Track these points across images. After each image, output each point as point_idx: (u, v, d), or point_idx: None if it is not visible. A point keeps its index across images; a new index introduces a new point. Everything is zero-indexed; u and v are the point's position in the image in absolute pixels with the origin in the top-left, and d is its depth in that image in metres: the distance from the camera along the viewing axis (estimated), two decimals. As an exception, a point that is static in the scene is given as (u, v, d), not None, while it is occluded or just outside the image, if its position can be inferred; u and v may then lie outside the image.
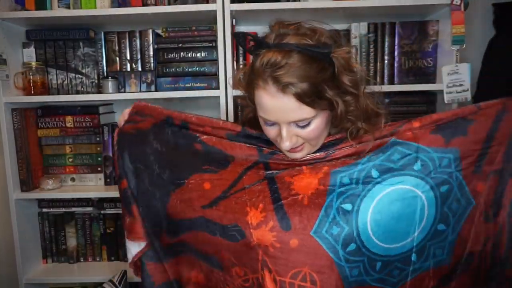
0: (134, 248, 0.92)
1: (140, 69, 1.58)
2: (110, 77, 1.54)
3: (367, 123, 0.80)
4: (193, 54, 1.54)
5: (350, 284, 0.76)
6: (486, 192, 0.78)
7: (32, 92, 1.52)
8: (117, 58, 1.58)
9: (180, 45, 1.54)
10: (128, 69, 1.58)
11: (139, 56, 1.58)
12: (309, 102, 0.72)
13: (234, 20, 1.51)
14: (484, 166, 0.78)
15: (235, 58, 1.52)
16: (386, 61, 1.52)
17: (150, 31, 1.57)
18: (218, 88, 1.48)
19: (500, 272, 0.80)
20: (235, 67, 1.52)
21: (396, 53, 1.52)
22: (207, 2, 1.47)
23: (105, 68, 1.59)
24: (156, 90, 1.54)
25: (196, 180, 0.87)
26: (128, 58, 1.58)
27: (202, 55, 1.54)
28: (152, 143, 0.91)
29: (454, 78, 1.41)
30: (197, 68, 1.54)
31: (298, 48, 0.71)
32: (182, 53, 1.54)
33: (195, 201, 0.86)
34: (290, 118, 0.74)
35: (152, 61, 1.57)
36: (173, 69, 1.54)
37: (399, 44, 1.52)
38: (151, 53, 1.57)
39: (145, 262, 0.93)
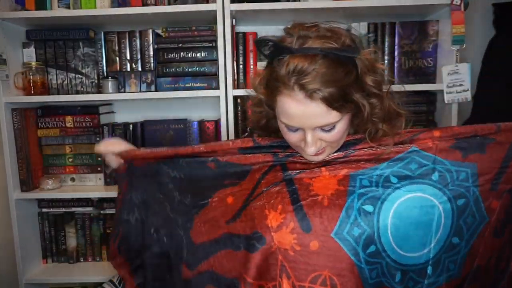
0: None
1: (140, 69, 1.58)
2: (110, 77, 1.54)
3: (387, 124, 0.80)
4: (193, 54, 1.54)
5: (370, 286, 0.76)
6: (498, 210, 0.79)
7: (32, 92, 1.52)
8: (117, 58, 1.58)
9: (180, 45, 1.54)
10: (128, 69, 1.58)
11: (139, 56, 1.58)
12: (337, 106, 0.71)
13: (234, 20, 1.51)
14: (501, 185, 0.79)
15: (235, 58, 1.52)
16: (386, 61, 1.52)
17: (150, 31, 1.57)
18: (218, 88, 1.48)
19: (504, 284, 0.81)
20: (235, 67, 1.52)
21: (396, 53, 1.52)
22: (207, 2, 1.47)
23: (105, 68, 1.59)
24: (156, 90, 1.54)
25: (220, 196, 0.87)
26: (128, 58, 1.58)
27: (202, 55, 1.54)
28: (168, 172, 0.91)
29: (454, 78, 1.41)
30: (197, 68, 1.54)
31: (324, 52, 0.69)
32: (182, 53, 1.54)
33: (220, 218, 0.85)
34: (317, 123, 0.72)
35: (152, 61, 1.57)
36: (173, 69, 1.54)
37: (399, 44, 1.52)
38: (151, 53, 1.57)
39: None
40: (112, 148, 0.97)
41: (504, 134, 0.80)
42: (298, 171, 0.81)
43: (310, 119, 0.72)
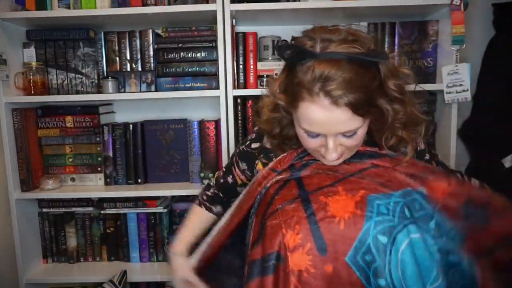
0: None
1: (140, 69, 1.58)
2: (110, 77, 1.54)
3: (407, 130, 0.79)
4: (193, 54, 1.54)
5: None
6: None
7: (32, 92, 1.52)
8: (117, 58, 1.58)
9: (180, 45, 1.54)
10: (128, 69, 1.58)
11: (139, 56, 1.58)
12: (363, 112, 0.69)
13: (234, 20, 1.51)
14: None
15: (235, 58, 1.52)
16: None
17: (150, 31, 1.57)
18: (218, 88, 1.48)
19: None
20: (235, 67, 1.52)
21: (396, 53, 1.52)
22: (207, 2, 1.47)
23: (105, 68, 1.59)
24: (156, 90, 1.54)
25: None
26: (128, 58, 1.58)
27: (202, 55, 1.54)
28: (226, 255, 0.94)
29: (454, 78, 1.41)
30: (197, 68, 1.54)
31: (350, 57, 0.67)
32: (182, 53, 1.54)
33: (248, 248, 0.85)
34: (340, 129, 0.71)
35: (152, 61, 1.57)
36: (173, 69, 1.54)
37: (399, 44, 1.52)
38: (151, 53, 1.57)
39: None
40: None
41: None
42: (314, 189, 0.79)
43: (334, 126, 0.71)
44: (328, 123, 0.70)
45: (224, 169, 1.07)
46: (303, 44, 0.72)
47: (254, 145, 0.95)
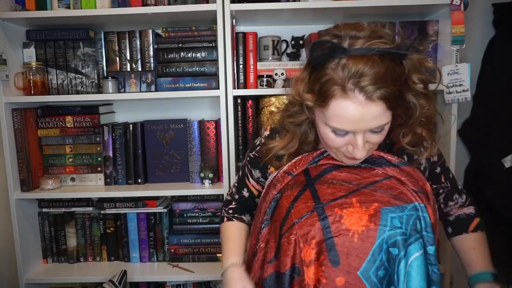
0: None
1: (140, 69, 1.58)
2: (110, 77, 1.54)
3: (427, 128, 0.80)
4: (193, 54, 1.54)
5: None
6: None
7: (32, 92, 1.52)
8: (117, 58, 1.58)
9: (180, 45, 1.54)
10: (128, 69, 1.58)
11: (139, 56, 1.58)
12: (395, 106, 0.70)
13: (234, 20, 1.51)
14: None
15: (235, 58, 1.52)
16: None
17: (150, 31, 1.57)
18: (218, 88, 1.48)
19: None
20: (235, 67, 1.52)
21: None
22: (207, 2, 1.47)
23: (105, 68, 1.59)
24: (156, 90, 1.54)
25: (261, 242, 0.88)
26: (128, 58, 1.58)
27: (202, 55, 1.54)
28: None
29: (454, 78, 1.41)
30: (197, 68, 1.54)
31: (381, 51, 0.68)
32: (182, 53, 1.54)
33: (265, 263, 0.85)
34: (372, 125, 0.71)
35: (152, 61, 1.57)
36: (173, 69, 1.54)
37: (399, 44, 1.51)
38: (151, 53, 1.57)
39: None
40: None
41: None
42: (329, 200, 0.79)
43: (367, 122, 0.70)
44: (362, 120, 0.70)
45: (236, 185, 1.05)
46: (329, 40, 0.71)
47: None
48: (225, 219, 1.04)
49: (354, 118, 0.70)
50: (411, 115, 0.77)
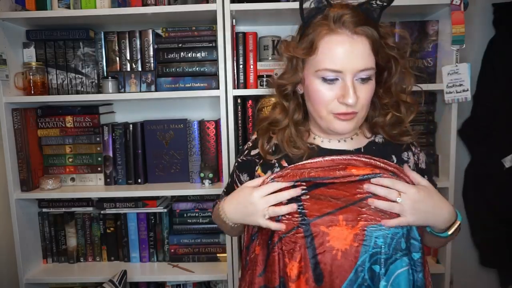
0: None
1: (140, 69, 1.58)
2: (110, 77, 1.54)
3: (399, 112, 0.86)
4: (193, 54, 1.54)
5: None
6: None
7: (32, 92, 1.52)
8: (117, 58, 1.58)
9: (180, 45, 1.54)
10: (128, 69, 1.58)
11: (139, 56, 1.58)
12: (376, 50, 0.77)
13: (234, 20, 1.51)
14: None
15: (235, 58, 1.52)
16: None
17: (150, 31, 1.57)
18: (218, 88, 1.48)
19: None
20: (235, 67, 1.52)
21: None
22: (207, 2, 1.47)
23: (105, 68, 1.59)
24: (156, 90, 1.54)
25: (251, 252, 0.89)
26: (128, 58, 1.58)
27: (202, 55, 1.54)
28: None
29: (454, 78, 1.41)
30: (197, 68, 1.54)
31: (360, 2, 0.78)
32: (182, 53, 1.54)
33: (255, 276, 0.85)
34: (359, 65, 0.76)
35: (152, 61, 1.57)
36: (173, 69, 1.54)
37: (399, 44, 1.51)
38: (151, 53, 1.57)
39: None
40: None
41: None
42: (315, 216, 0.79)
43: (353, 59, 0.76)
44: (350, 53, 0.76)
45: (225, 190, 1.05)
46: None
47: (253, 152, 0.95)
48: (217, 202, 1.03)
49: (343, 51, 0.76)
50: (390, 73, 0.83)
